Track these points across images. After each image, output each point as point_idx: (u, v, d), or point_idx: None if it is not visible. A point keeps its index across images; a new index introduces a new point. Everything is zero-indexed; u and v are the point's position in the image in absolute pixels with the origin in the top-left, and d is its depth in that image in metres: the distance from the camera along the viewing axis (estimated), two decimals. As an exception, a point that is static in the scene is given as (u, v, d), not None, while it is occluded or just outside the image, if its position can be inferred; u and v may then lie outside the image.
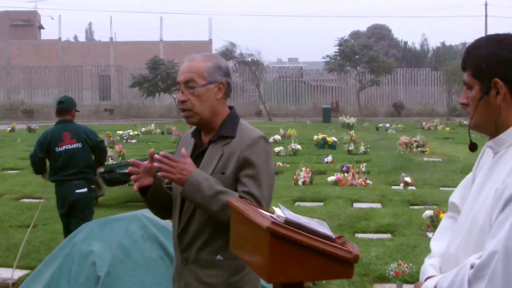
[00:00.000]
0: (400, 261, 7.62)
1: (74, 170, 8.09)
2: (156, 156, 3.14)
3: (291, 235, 2.25)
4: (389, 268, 7.43)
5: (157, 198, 3.37)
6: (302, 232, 2.29)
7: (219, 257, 3.22)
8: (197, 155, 3.38)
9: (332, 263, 2.30)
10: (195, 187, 3.10)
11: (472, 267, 2.19)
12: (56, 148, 8.12)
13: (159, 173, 3.18)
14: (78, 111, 8.53)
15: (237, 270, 3.22)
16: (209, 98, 3.30)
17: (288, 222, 2.31)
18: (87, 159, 8.23)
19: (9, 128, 34.37)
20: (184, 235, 3.31)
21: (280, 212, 2.42)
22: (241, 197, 3.09)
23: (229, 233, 2.84)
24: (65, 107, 8.27)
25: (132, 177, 3.26)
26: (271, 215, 2.46)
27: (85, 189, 8.12)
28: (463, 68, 2.49)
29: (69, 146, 8.10)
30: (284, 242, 2.25)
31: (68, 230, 7.89)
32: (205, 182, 3.10)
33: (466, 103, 2.49)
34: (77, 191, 8.07)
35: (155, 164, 3.15)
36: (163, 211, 3.53)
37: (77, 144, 8.14)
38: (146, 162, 3.24)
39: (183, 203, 3.32)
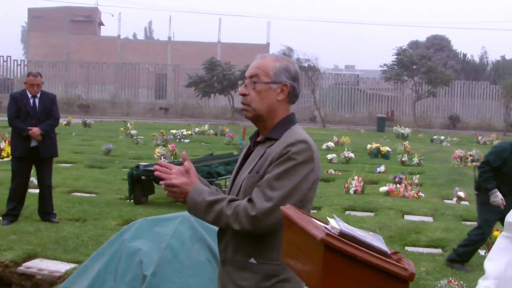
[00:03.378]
0: (450, 278, 7.47)
1: None
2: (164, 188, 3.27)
3: (345, 248, 2.17)
4: (439, 285, 7.28)
5: None
6: (356, 245, 2.20)
7: (252, 260, 3.16)
8: (247, 156, 3.36)
9: (387, 279, 2.21)
10: (192, 207, 3.17)
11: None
12: None
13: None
14: None
15: (268, 275, 3.14)
16: (269, 97, 3.25)
17: (342, 235, 2.23)
18: None
19: (65, 122, 34.80)
20: (224, 235, 3.30)
21: (335, 224, 2.33)
22: (262, 191, 3.07)
23: (267, 238, 2.97)
24: None
25: (156, 173, 3.27)
26: (325, 226, 2.37)
27: None
28: None
29: None
30: (337, 255, 2.17)
31: None
32: (199, 197, 3.13)
33: None
34: None
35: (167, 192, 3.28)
36: None
37: None
38: (180, 167, 3.25)
39: None
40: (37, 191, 10.76)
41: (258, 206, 3.01)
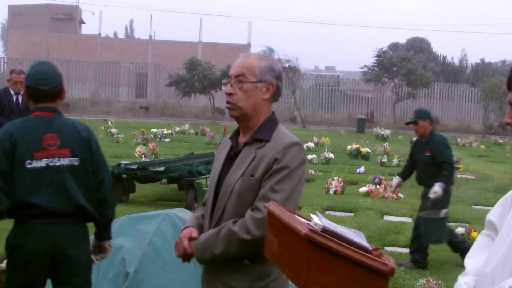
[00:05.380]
0: (429, 277, 7.55)
1: None
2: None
3: (328, 244, 2.23)
4: (418, 284, 7.37)
5: None
6: (338, 241, 2.26)
7: (245, 261, 3.19)
8: (232, 157, 3.37)
9: (368, 274, 2.28)
10: (200, 253, 3.27)
11: (510, 288, 2.14)
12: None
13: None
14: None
15: (262, 276, 3.18)
16: (256, 96, 3.29)
17: (325, 231, 2.30)
18: None
19: (45, 120, 34.58)
20: None
21: (318, 220, 2.39)
22: (263, 196, 3.11)
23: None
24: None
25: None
26: (308, 222, 2.43)
27: None
28: (508, 88, 2.43)
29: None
30: (320, 250, 2.23)
31: None
32: (201, 237, 3.28)
33: (511, 122, 2.43)
34: None
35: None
36: None
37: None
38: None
39: (215, 203, 3.31)
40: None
41: (263, 210, 3.02)
